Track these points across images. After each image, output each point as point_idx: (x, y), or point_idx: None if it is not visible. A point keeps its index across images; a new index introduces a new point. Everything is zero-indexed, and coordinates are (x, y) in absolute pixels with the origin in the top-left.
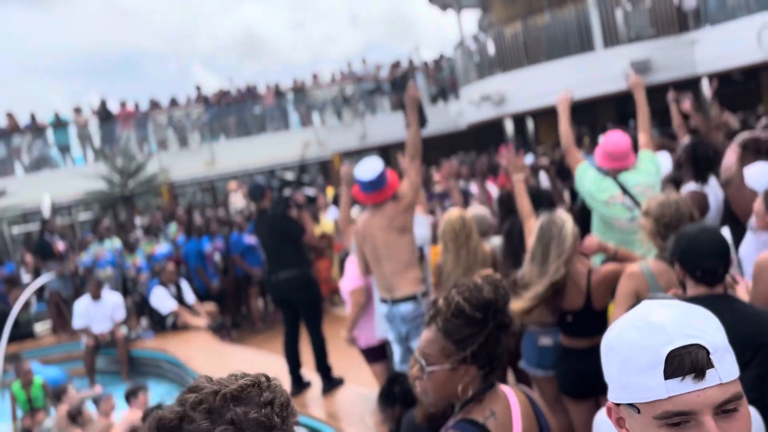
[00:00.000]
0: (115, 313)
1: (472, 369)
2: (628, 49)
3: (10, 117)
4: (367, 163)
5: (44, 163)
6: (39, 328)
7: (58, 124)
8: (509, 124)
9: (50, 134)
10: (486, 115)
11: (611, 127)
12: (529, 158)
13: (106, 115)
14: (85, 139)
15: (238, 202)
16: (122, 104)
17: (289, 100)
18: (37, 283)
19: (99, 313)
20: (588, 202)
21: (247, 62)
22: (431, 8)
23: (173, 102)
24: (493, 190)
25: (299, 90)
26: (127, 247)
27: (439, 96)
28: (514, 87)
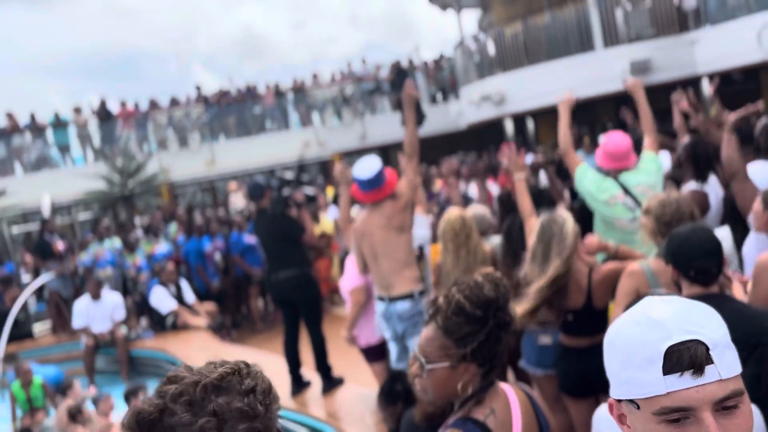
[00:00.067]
0: (114, 312)
1: (472, 367)
2: (628, 49)
3: (10, 117)
4: (366, 162)
5: (44, 163)
6: (38, 328)
7: (58, 124)
8: (509, 124)
9: (50, 134)
10: (486, 115)
11: (611, 127)
12: (530, 158)
13: (105, 115)
14: (84, 139)
15: (238, 202)
16: (122, 104)
17: (289, 100)
18: (36, 283)
19: (99, 313)
20: (589, 203)
21: (247, 62)
22: (431, 8)
23: (173, 102)
24: (494, 189)
25: (299, 90)
26: (127, 247)
27: (439, 96)
28: (514, 87)
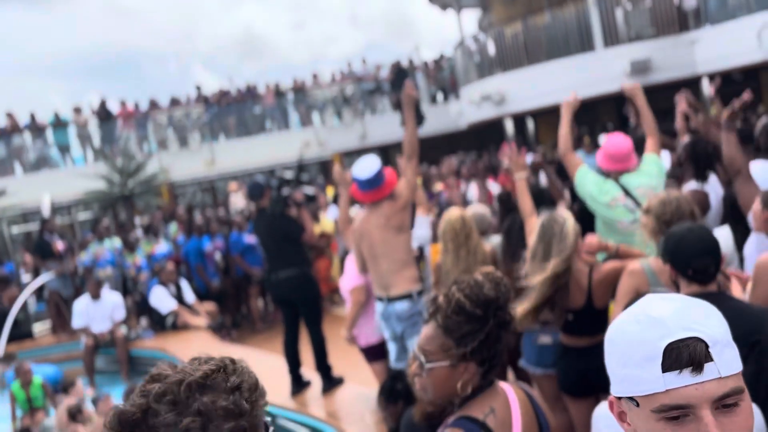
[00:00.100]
0: (114, 312)
1: (472, 366)
2: (628, 49)
3: (10, 117)
4: (365, 162)
5: (44, 163)
6: (38, 328)
7: (58, 124)
8: (509, 124)
9: (50, 134)
10: (486, 115)
11: (611, 127)
12: (530, 157)
13: (106, 115)
14: (84, 139)
15: (238, 202)
16: (122, 104)
17: (290, 100)
18: (36, 283)
19: (98, 313)
20: (589, 205)
21: (247, 62)
22: (431, 8)
23: (173, 102)
24: (494, 189)
25: (299, 90)
26: (127, 247)
27: (439, 96)
28: (515, 87)
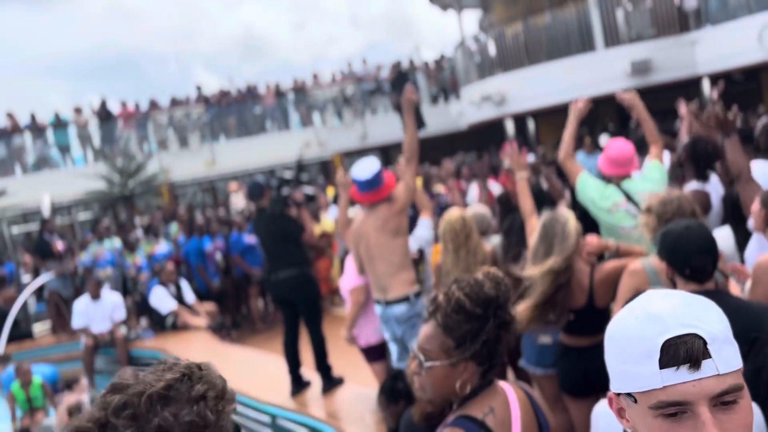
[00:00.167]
0: (114, 312)
1: (471, 365)
2: (628, 49)
3: (10, 117)
4: (364, 163)
5: (44, 163)
6: (38, 329)
7: (58, 124)
8: (510, 125)
9: (50, 134)
10: (487, 116)
11: (612, 128)
12: (530, 157)
13: (106, 115)
14: (85, 139)
15: (239, 202)
16: (123, 104)
17: (290, 100)
18: (36, 283)
19: (98, 313)
20: (590, 211)
21: (248, 62)
22: (432, 8)
23: (173, 102)
24: (495, 189)
25: (300, 90)
26: (128, 247)
27: (440, 96)
28: (515, 87)
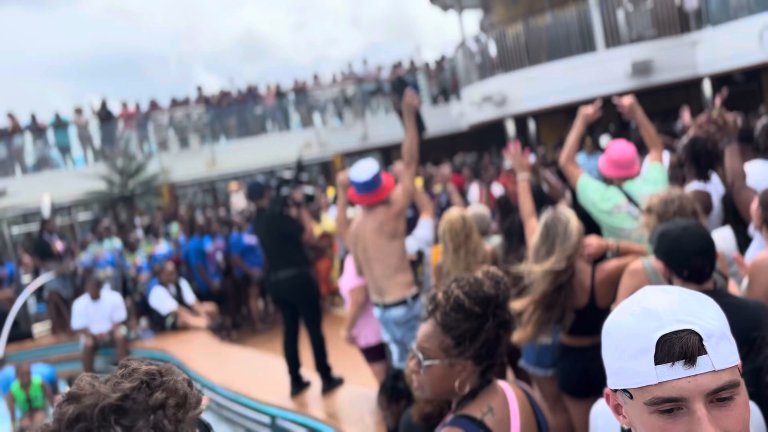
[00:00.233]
0: (114, 313)
1: (470, 364)
2: (629, 50)
3: (11, 117)
4: (362, 165)
5: (44, 163)
6: (38, 329)
7: (59, 124)
8: (511, 125)
9: (51, 135)
10: (487, 116)
11: (613, 128)
12: (531, 158)
13: (106, 116)
14: (85, 139)
15: (239, 202)
16: (123, 105)
17: (290, 101)
18: (36, 283)
19: (98, 314)
20: (591, 213)
21: (249, 63)
22: (432, 9)
23: (174, 102)
24: (497, 190)
25: (300, 90)
26: (128, 247)
27: (441, 97)
28: (516, 88)
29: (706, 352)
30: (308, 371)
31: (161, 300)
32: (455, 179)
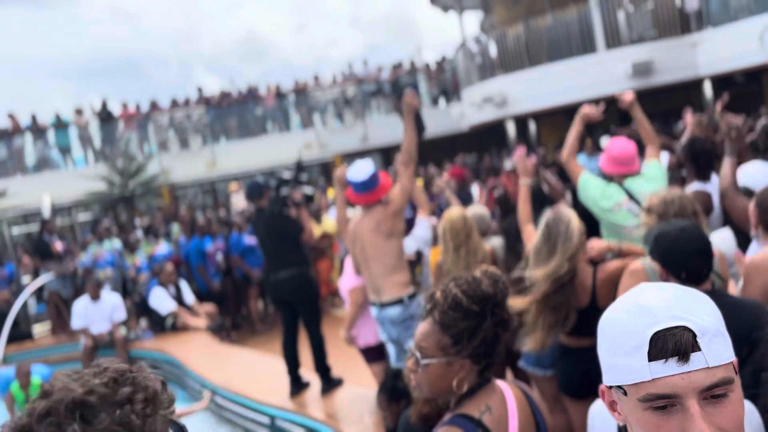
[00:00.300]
0: (114, 313)
1: (468, 363)
2: (630, 51)
3: (11, 118)
4: (360, 164)
5: (45, 164)
6: (38, 329)
7: (59, 125)
8: (511, 126)
9: (51, 135)
10: (488, 117)
11: (613, 129)
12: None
13: (107, 117)
14: (85, 140)
15: (239, 203)
16: (123, 105)
17: (291, 102)
18: (36, 284)
19: (98, 314)
20: (593, 211)
21: (249, 64)
22: (433, 10)
23: (174, 103)
24: (498, 192)
25: (300, 91)
26: (128, 248)
27: (441, 98)
28: (516, 88)
29: (699, 349)
30: (308, 372)
31: (161, 300)
32: (456, 171)
